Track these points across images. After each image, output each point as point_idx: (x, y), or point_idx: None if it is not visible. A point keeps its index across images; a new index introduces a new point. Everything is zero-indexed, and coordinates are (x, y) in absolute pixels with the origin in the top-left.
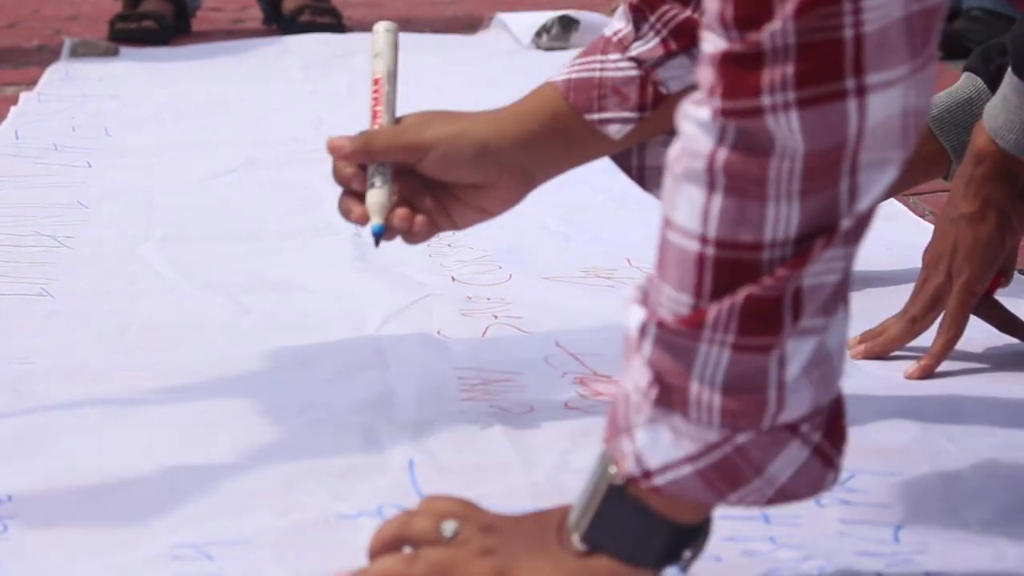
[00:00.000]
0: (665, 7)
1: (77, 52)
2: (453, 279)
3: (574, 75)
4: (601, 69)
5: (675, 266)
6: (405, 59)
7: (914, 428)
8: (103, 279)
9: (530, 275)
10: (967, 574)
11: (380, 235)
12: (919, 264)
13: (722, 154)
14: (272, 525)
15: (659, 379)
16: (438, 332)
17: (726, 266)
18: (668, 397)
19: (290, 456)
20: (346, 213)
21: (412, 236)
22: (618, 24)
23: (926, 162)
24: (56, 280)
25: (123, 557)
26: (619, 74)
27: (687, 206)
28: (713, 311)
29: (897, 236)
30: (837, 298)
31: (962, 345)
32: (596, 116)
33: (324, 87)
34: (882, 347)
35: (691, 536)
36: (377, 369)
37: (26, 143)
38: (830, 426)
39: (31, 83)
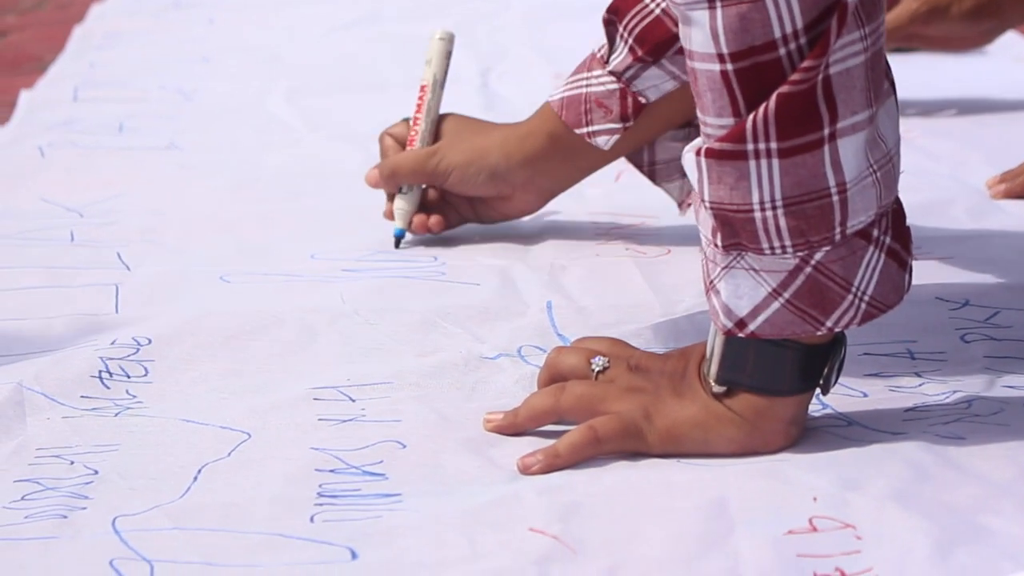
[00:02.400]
0: (631, 13)
1: None
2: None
3: (566, 93)
4: (587, 85)
5: (708, 93)
6: None
7: None
8: (230, 131)
9: None
10: None
11: (400, 237)
12: None
13: None
14: (412, 367)
15: (723, 220)
16: None
17: (750, 75)
18: (736, 237)
19: (427, 299)
20: (384, 212)
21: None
22: (602, 39)
23: None
24: (184, 133)
25: (265, 399)
26: (601, 88)
27: (698, 31)
28: (750, 119)
29: None
30: (872, 85)
31: None
32: (585, 130)
33: None
34: (1022, 187)
35: (826, 354)
36: None
37: (146, 1)
38: (897, 228)
39: None
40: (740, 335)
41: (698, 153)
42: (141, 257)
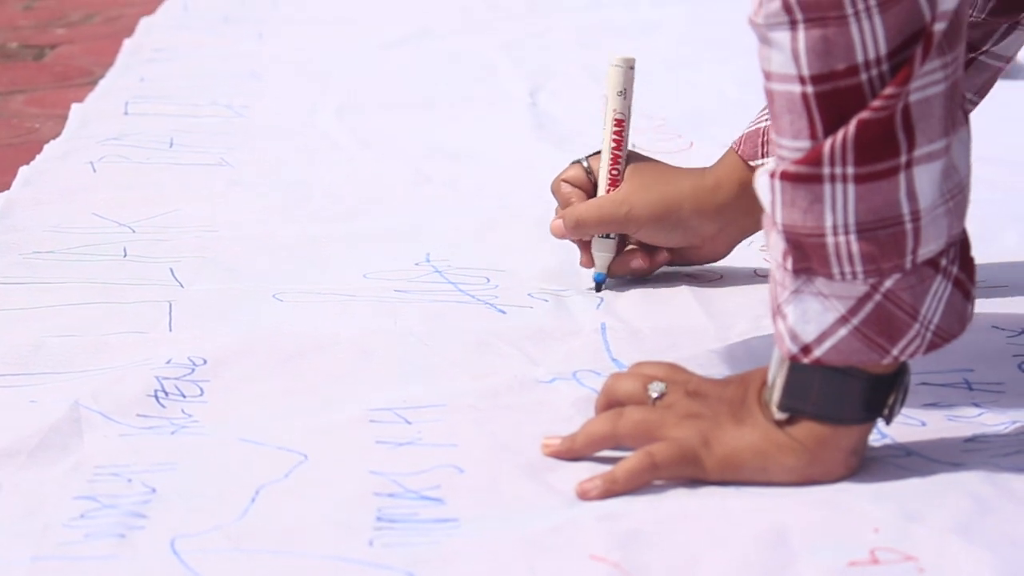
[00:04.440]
0: None
1: None
2: (633, 146)
3: (748, 129)
4: (768, 119)
5: (785, 115)
6: None
7: None
8: (281, 148)
9: (710, 142)
10: None
11: (601, 283)
12: None
13: None
14: (468, 389)
15: (794, 243)
16: None
17: (830, 99)
18: (807, 261)
19: (480, 321)
20: (582, 261)
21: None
22: None
23: None
24: (235, 149)
25: (321, 420)
26: None
27: (778, 52)
28: (828, 143)
29: None
30: (950, 114)
31: None
32: (760, 162)
33: None
34: None
35: (890, 384)
36: None
37: (195, 16)
38: (963, 258)
39: None
40: (805, 361)
41: (772, 175)
42: (194, 274)
